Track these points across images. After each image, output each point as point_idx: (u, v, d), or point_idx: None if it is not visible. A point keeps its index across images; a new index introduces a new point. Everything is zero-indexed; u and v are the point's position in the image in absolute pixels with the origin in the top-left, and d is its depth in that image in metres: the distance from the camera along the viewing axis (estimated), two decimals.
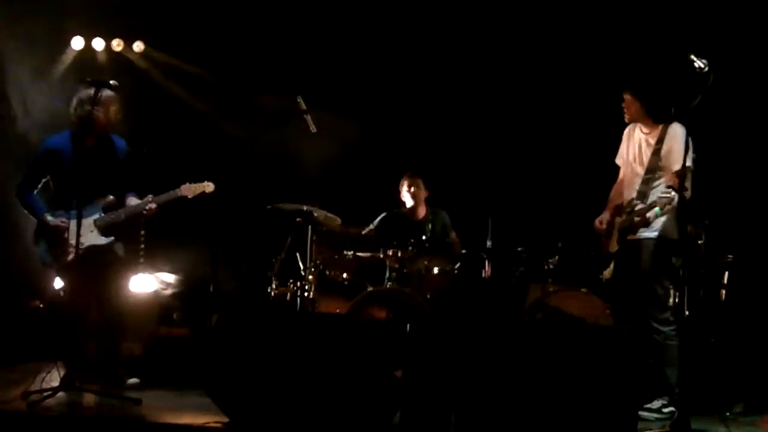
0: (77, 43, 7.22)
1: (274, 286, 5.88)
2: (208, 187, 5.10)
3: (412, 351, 4.04)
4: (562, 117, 6.62)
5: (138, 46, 7.37)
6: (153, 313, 6.12)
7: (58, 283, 5.32)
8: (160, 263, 6.48)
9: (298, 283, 5.82)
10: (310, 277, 5.76)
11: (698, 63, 4.21)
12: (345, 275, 5.95)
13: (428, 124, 6.94)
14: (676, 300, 5.30)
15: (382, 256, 5.93)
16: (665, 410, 4.62)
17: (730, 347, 5.21)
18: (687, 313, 4.95)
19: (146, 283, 6.27)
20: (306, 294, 5.75)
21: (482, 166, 6.80)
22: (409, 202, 6.37)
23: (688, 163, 4.38)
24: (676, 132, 4.67)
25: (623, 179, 4.98)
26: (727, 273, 5.47)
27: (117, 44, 7.32)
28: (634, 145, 4.87)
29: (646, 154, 4.79)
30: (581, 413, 3.70)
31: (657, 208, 4.57)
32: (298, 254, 5.98)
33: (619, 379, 3.77)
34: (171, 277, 6.38)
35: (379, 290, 5.79)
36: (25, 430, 3.98)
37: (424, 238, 6.04)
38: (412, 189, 6.32)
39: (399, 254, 5.88)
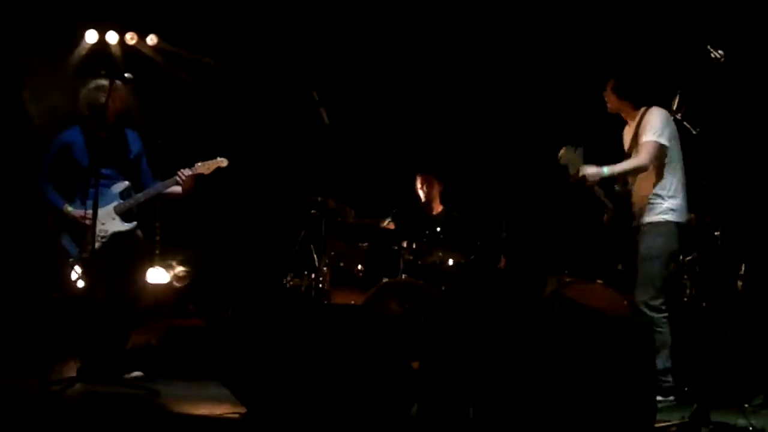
0: (91, 36, 7.23)
1: (288, 278, 5.90)
2: (223, 162, 5.13)
3: (429, 343, 4.03)
4: (578, 109, 6.59)
5: (151, 39, 7.37)
6: (168, 305, 6.16)
7: (74, 275, 5.32)
8: (175, 255, 6.51)
9: (313, 275, 5.83)
10: (325, 268, 5.76)
11: (715, 53, 4.16)
12: (359, 267, 5.95)
13: (444, 115, 6.93)
14: (692, 291, 5.28)
15: (396, 248, 5.93)
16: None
17: (748, 339, 5.18)
18: (704, 304, 4.92)
19: (162, 275, 6.30)
20: (320, 285, 5.75)
21: (498, 157, 6.79)
22: (423, 198, 6.39)
23: (663, 141, 4.64)
24: (653, 112, 4.74)
25: None
26: (744, 264, 5.43)
27: (131, 38, 7.33)
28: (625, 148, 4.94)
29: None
30: (600, 405, 3.68)
31: (606, 169, 4.70)
32: (312, 246, 5.98)
33: (637, 371, 3.74)
34: (186, 269, 6.41)
35: (394, 282, 5.78)
36: (43, 420, 3.98)
37: (438, 230, 6.03)
38: (425, 186, 6.36)
39: (414, 246, 5.87)
